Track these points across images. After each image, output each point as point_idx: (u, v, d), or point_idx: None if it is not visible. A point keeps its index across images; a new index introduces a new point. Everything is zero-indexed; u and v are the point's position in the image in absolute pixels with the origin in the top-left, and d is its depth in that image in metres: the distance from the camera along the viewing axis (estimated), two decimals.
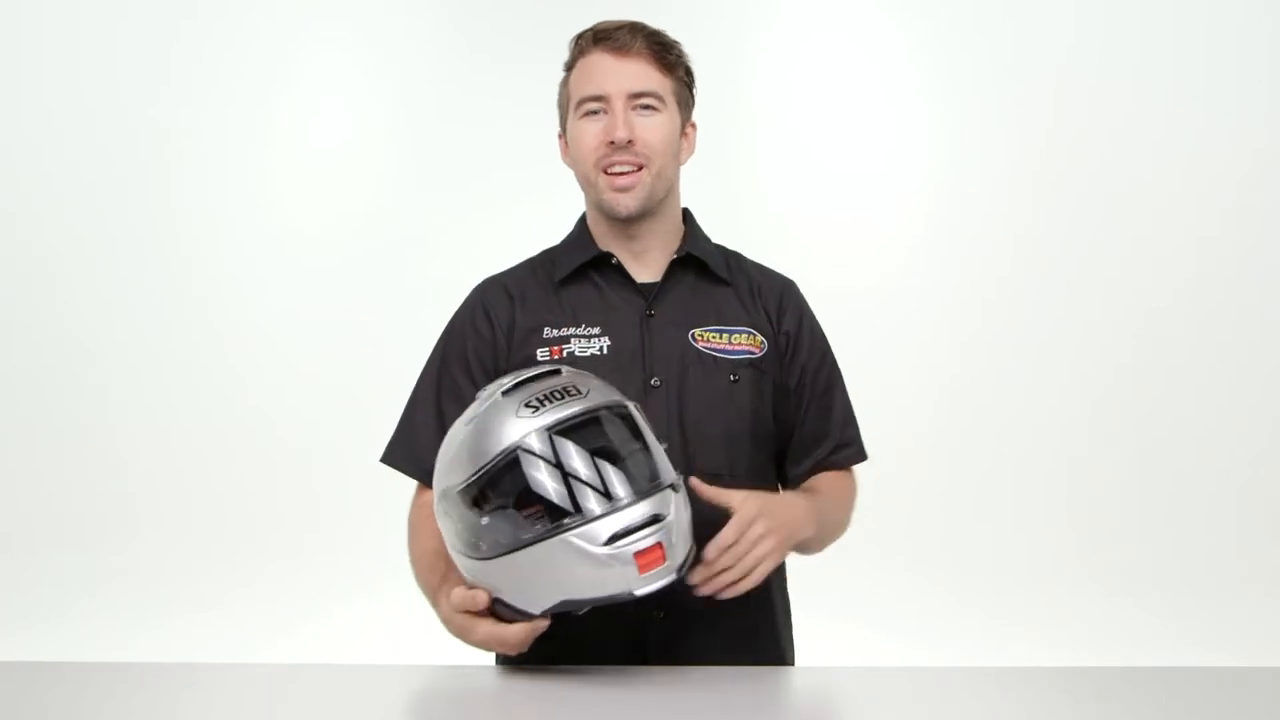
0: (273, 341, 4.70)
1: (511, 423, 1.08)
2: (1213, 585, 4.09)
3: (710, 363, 1.36)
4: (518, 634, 1.11)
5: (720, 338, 1.38)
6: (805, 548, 1.35)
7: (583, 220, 1.47)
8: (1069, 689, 1.18)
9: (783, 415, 1.41)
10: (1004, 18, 4.73)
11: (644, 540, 1.06)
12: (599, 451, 1.08)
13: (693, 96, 1.42)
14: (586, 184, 1.39)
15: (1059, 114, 4.68)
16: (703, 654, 1.30)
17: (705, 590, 1.14)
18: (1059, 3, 4.75)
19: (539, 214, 2.67)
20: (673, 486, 1.10)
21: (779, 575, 1.45)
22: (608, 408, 1.11)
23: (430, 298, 2.09)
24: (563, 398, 1.10)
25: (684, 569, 1.10)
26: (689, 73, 1.40)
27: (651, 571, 1.07)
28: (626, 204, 1.35)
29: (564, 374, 1.15)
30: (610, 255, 1.40)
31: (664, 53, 1.35)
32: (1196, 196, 4.63)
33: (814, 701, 1.21)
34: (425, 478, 1.37)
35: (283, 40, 4.81)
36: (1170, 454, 4.54)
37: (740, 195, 4.42)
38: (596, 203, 1.39)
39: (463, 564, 1.13)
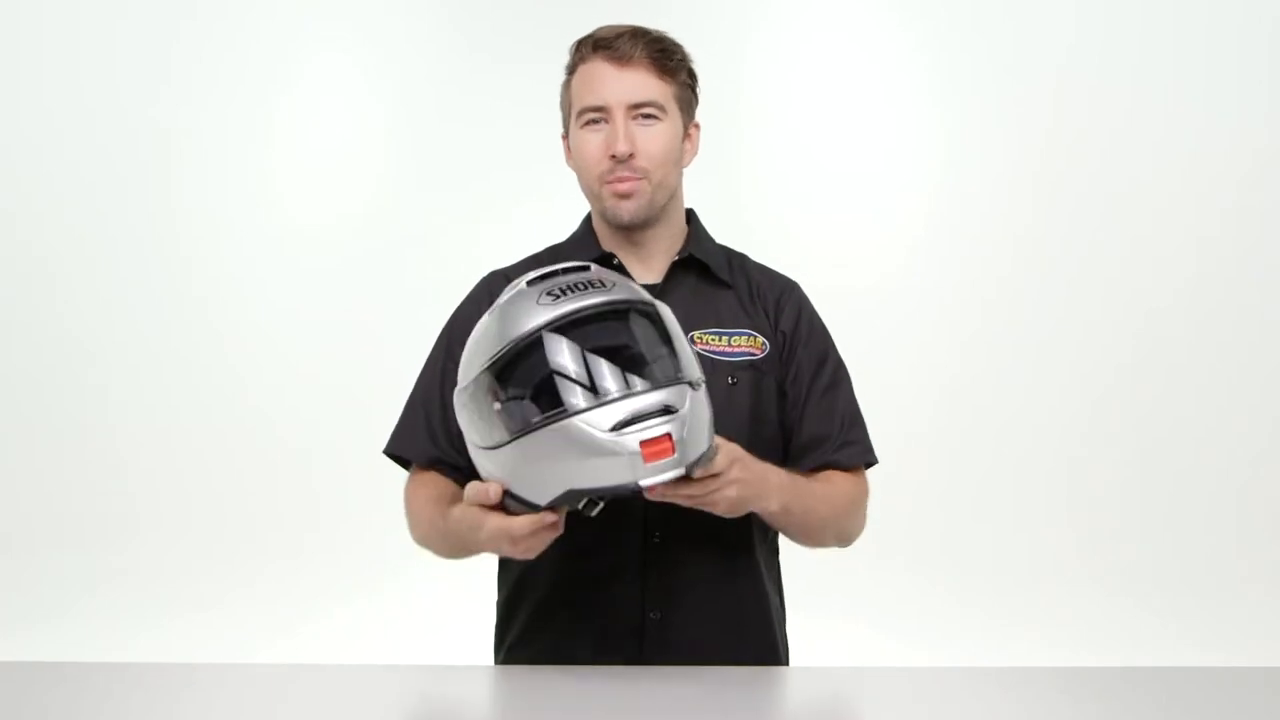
0: (273, 341, 4.70)
1: (532, 310, 1.08)
2: (1213, 585, 4.09)
3: (709, 366, 1.35)
4: (525, 524, 1.09)
5: (719, 340, 1.38)
6: (778, 524, 1.33)
7: (588, 219, 1.47)
8: (1069, 689, 1.18)
9: (782, 416, 1.41)
10: (1004, 18, 4.73)
11: (653, 429, 1.04)
12: (617, 346, 1.07)
13: (696, 97, 1.42)
14: (589, 193, 1.40)
15: (1059, 114, 4.68)
16: (699, 655, 1.30)
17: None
18: (1059, 3, 4.75)
19: (539, 214, 2.67)
20: (692, 384, 1.08)
21: (773, 573, 1.45)
22: (630, 303, 1.10)
23: (430, 298, 2.09)
24: (586, 289, 1.09)
25: (695, 467, 1.07)
26: (692, 75, 1.40)
27: (658, 462, 1.04)
28: (628, 209, 1.35)
29: (592, 269, 1.15)
30: (612, 256, 1.41)
31: (665, 60, 1.35)
32: (1196, 196, 4.63)
33: (813, 701, 1.21)
34: (429, 465, 1.38)
35: (283, 40, 4.81)
36: (1170, 454, 4.54)
37: (740, 195, 4.41)
38: (600, 211, 1.40)
39: (477, 457, 1.13)
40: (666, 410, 1.04)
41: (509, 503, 1.11)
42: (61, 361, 4.72)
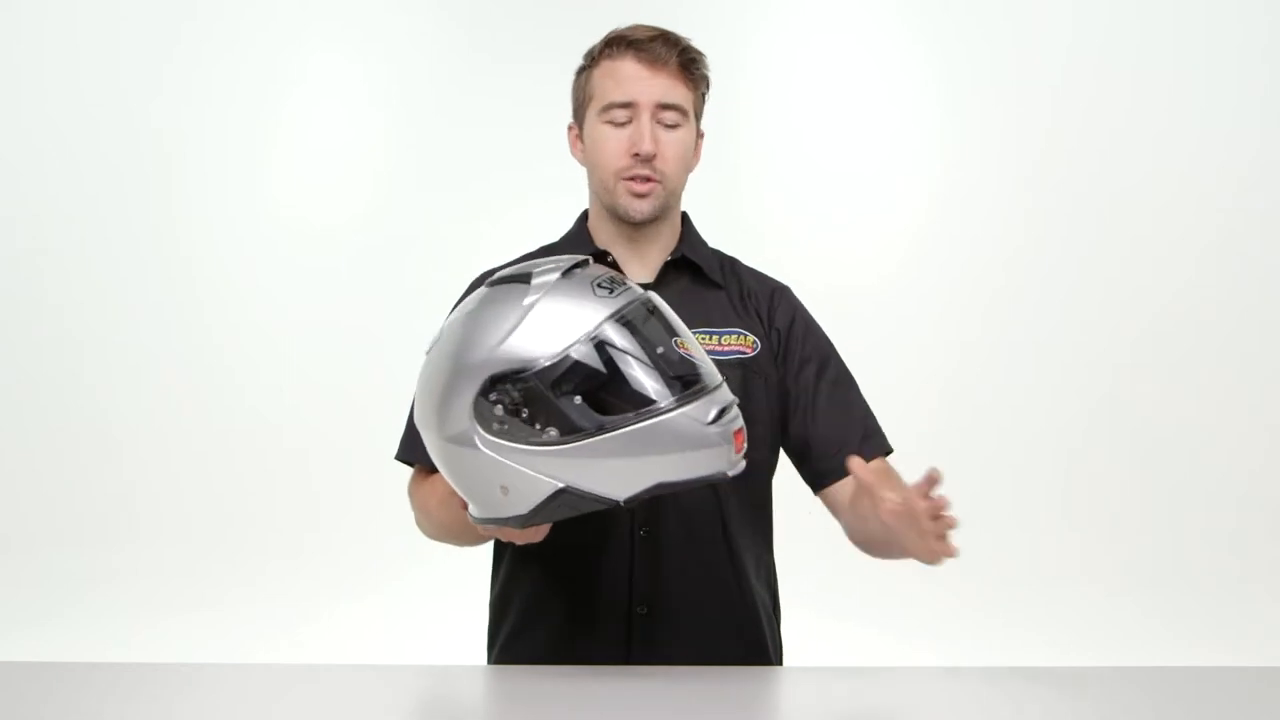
0: (273, 341, 4.69)
1: (593, 300, 1.04)
2: (1213, 585, 4.08)
3: None
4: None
5: (710, 339, 1.38)
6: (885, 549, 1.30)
7: (583, 218, 1.47)
8: (1069, 689, 1.18)
9: (780, 415, 1.41)
10: (1004, 18, 4.72)
11: (737, 421, 1.06)
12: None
13: (704, 105, 1.44)
14: (602, 188, 1.39)
15: (1059, 114, 4.68)
16: (685, 651, 1.31)
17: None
18: (1059, 3, 4.75)
19: (539, 214, 2.65)
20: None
21: (762, 570, 1.44)
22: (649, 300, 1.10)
23: (430, 298, 2.09)
24: (618, 285, 1.07)
25: None
26: (708, 84, 1.42)
27: (741, 453, 1.06)
28: (641, 208, 1.36)
29: (591, 264, 1.13)
30: (606, 253, 1.41)
31: (692, 68, 1.37)
32: (1196, 196, 4.63)
33: (811, 702, 1.21)
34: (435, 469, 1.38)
35: (283, 41, 4.80)
36: (1170, 455, 4.53)
37: (739, 195, 4.41)
38: (610, 205, 1.39)
39: (524, 459, 1.03)
40: (735, 403, 1.07)
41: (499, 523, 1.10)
42: (61, 361, 4.72)
